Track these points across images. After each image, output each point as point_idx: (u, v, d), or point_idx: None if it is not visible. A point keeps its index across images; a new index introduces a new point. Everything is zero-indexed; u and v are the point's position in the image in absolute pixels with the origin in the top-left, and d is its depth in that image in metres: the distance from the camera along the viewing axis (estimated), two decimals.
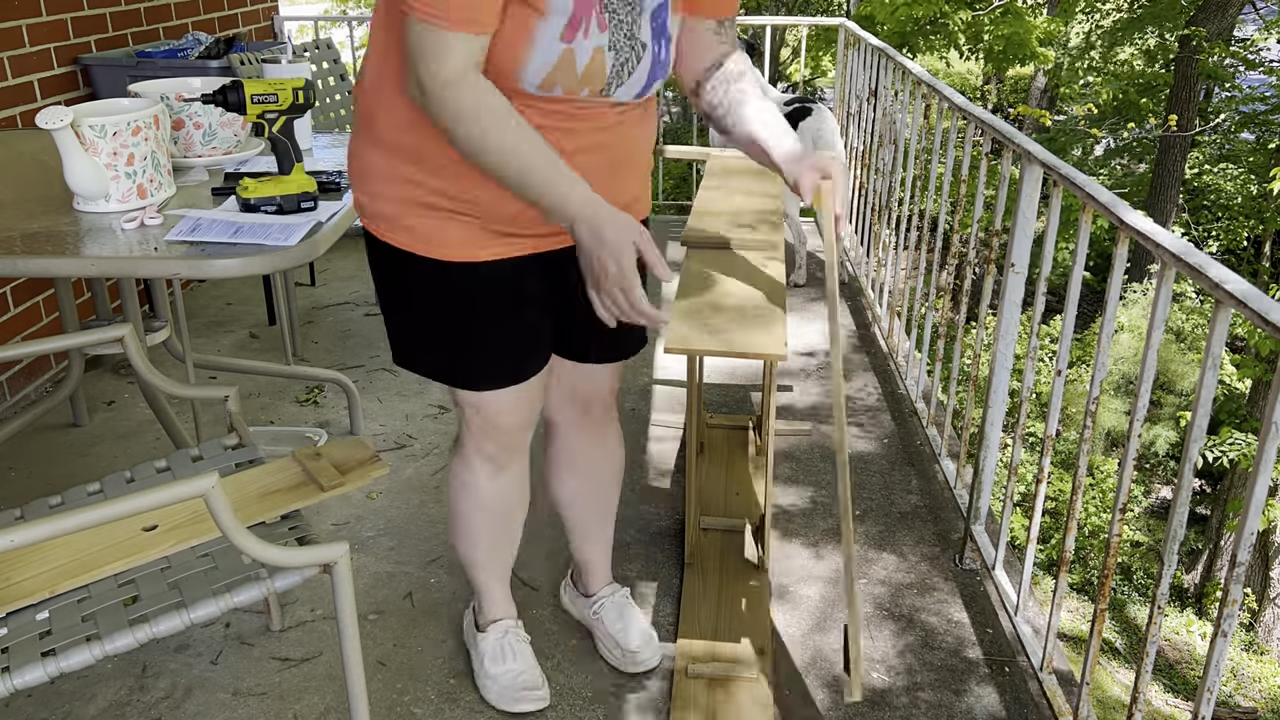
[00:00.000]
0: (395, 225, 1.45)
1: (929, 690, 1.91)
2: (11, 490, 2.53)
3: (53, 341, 1.78)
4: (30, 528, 1.10)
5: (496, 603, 1.87)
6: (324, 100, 3.47)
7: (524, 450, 1.72)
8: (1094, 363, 1.70)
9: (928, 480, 2.64)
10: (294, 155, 1.87)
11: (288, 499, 1.52)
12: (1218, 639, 1.35)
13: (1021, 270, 2.09)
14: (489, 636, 1.85)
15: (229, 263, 1.66)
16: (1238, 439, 7.55)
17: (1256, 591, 8.41)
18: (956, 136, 2.73)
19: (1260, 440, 1.27)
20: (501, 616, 1.87)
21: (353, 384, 2.84)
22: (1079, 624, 7.39)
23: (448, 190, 1.41)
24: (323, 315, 3.69)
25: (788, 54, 15.83)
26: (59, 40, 3.17)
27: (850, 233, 4.33)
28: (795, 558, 2.31)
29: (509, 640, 1.84)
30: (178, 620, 1.30)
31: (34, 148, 2.38)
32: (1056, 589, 1.84)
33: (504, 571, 1.86)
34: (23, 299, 3.00)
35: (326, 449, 1.59)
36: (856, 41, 4.34)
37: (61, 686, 1.86)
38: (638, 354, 1.74)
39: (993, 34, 9.42)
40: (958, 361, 2.59)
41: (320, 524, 2.37)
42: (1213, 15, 9.49)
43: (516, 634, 1.86)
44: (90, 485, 1.65)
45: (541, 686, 1.82)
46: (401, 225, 1.45)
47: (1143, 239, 1.57)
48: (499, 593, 1.87)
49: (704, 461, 2.61)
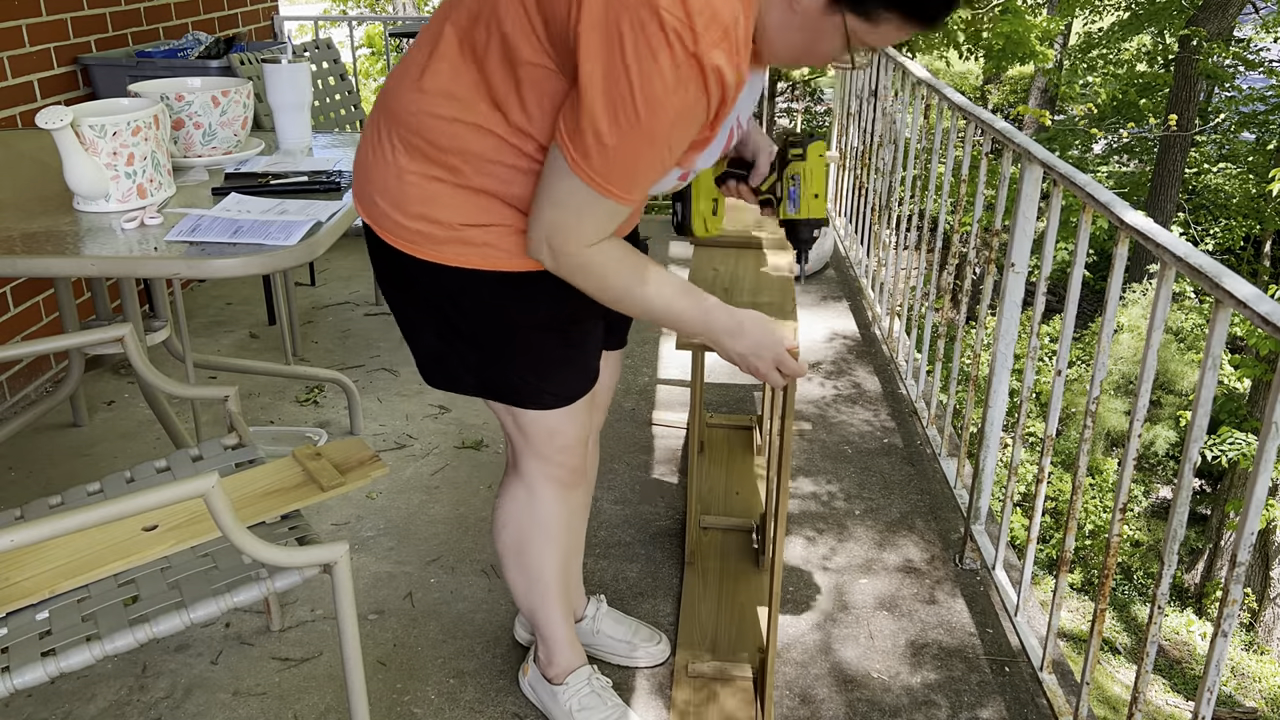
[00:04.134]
0: (449, 241, 1.31)
1: (929, 690, 1.91)
2: (11, 490, 2.53)
3: (53, 341, 1.78)
4: (30, 528, 1.10)
5: (568, 652, 1.72)
6: (323, 100, 3.47)
7: (585, 470, 1.61)
8: (1094, 363, 1.70)
9: (928, 480, 2.64)
10: None
11: (288, 499, 1.52)
12: (1218, 639, 1.35)
13: (1021, 270, 2.09)
14: (571, 688, 1.70)
15: (229, 263, 1.66)
16: (1238, 439, 7.56)
17: (1256, 591, 8.42)
18: (956, 136, 2.73)
19: (1260, 440, 1.27)
20: (580, 664, 1.73)
21: (353, 384, 2.84)
22: (1080, 624, 7.39)
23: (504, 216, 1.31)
24: (323, 315, 3.69)
25: None
26: (59, 40, 3.17)
27: (846, 227, 4.33)
28: (795, 557, 2.31)
29: (595, 685, 1.71)
30: (178, 620, 1.30)
31: (34, 148, 2.38)
32: (1056, 589, 1.84)
33: (569, 612, 1.72)
34: (23, 299, 3.00)
35: (326, 449, 1.59)
36: None
37: (61, 686, 1.86)
38: (634, 351, 1.73)
39: (992, 32, 9.42)
40: (958, 361, 2.59)
41: (320, 524, 2.37)
42: (1213, 15, 9.49)
43: (597, 679, 1.73)
44: (90, 485, 1.65)
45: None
46: (461, 241, 1.31)
47: (1143, 239, 1.57)
48: (568, 637, 1.72)
49: (704, 461, 2.61)
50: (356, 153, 1.41)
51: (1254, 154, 10.98)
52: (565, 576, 1.68)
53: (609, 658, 1.91)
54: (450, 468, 2.63)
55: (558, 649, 1.71)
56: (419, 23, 4.96)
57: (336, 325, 3.59)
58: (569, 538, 1.64)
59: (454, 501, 2.47)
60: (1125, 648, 7.64)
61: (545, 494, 1.55)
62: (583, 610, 1.92)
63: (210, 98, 2.14)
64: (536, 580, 1.63)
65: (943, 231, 2.81)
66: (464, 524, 2.38)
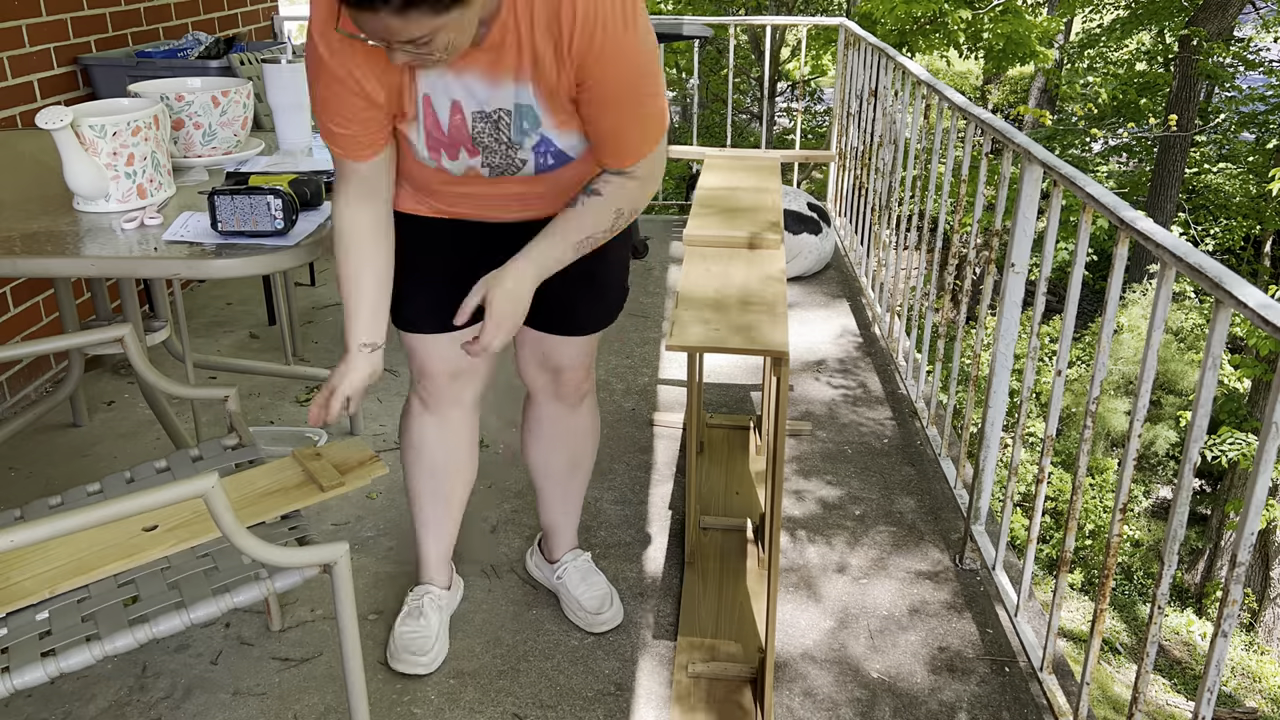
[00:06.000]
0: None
1: (929, 690, 1.91)
2: (11, 490, 2.53)
3: (53, 341, 1.78)
4: (30, 528, 1.09)
5: (426, 564, 1.97)
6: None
7: (456, 403, 1.83)
8: (1094, 363, 1.70)
9: (928, 480, 2.64)
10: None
11: (288, 499, 1.52)
12: (1218, 639, 1.35)
13: (1021, 270, 2.09)
14: (410, 596, 1.98)
15: (229, 263, 1.66)
16: (1238, 439, 7.56)
17: (1256, 591, 8.42)
18: (956, 136, 2.73)
19: (1260, 440, 1.27)
20: (426, 581, 1.98)
21: None
22: (1080, 624, 7.39)
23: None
24: (323, 315, 3.69)
25: (787, 53, 15.83)
26: (59, 40, 3.17)
27: (848, 227, 4.33)
28: (795, 557, 2.31)
29: (422, 604, 1.95)
30: (178, 620, 1.30)
31: (34, 148, 2.38)
32: (1056, 589, 1.84)
33: (438, 533, 1.95)
34: (23, 299, 3.00)
35: (327, 449, 1.59)
36: (856, 41, 4.34)
37: (61, 686, 1.86)
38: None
39: (992, 33, 9.42)
40: (958, 361, 2.59)
41: (320, 524, 2.37)
42: (1213, 15, 9.49)
43: (433, 600, 1.96)
44: (90, 485, 1.65)
45: (429, 652, 1.90)
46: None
47: (1143, 239, 1.57)
48: (429, 554, 1.96)
49: (704, 461, 2.61)
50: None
51: (1254, 154, 10.97)
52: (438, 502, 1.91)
53: (568, 614, 2.05)
54: None
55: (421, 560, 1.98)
56: None
57: (336, 325, 3.59)
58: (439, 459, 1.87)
59: None
60: (1126, 647, 7.64)
61: (411, 405, 1.86)
62: (557, 555, 2.09)
63: (210, 98, 2.14)
64: (410, 493, 1.92)
65: (943, 231, 2.81)
66: (464, 524, 2.37)
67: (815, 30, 11.13)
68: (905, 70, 3.24)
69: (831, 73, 12.54)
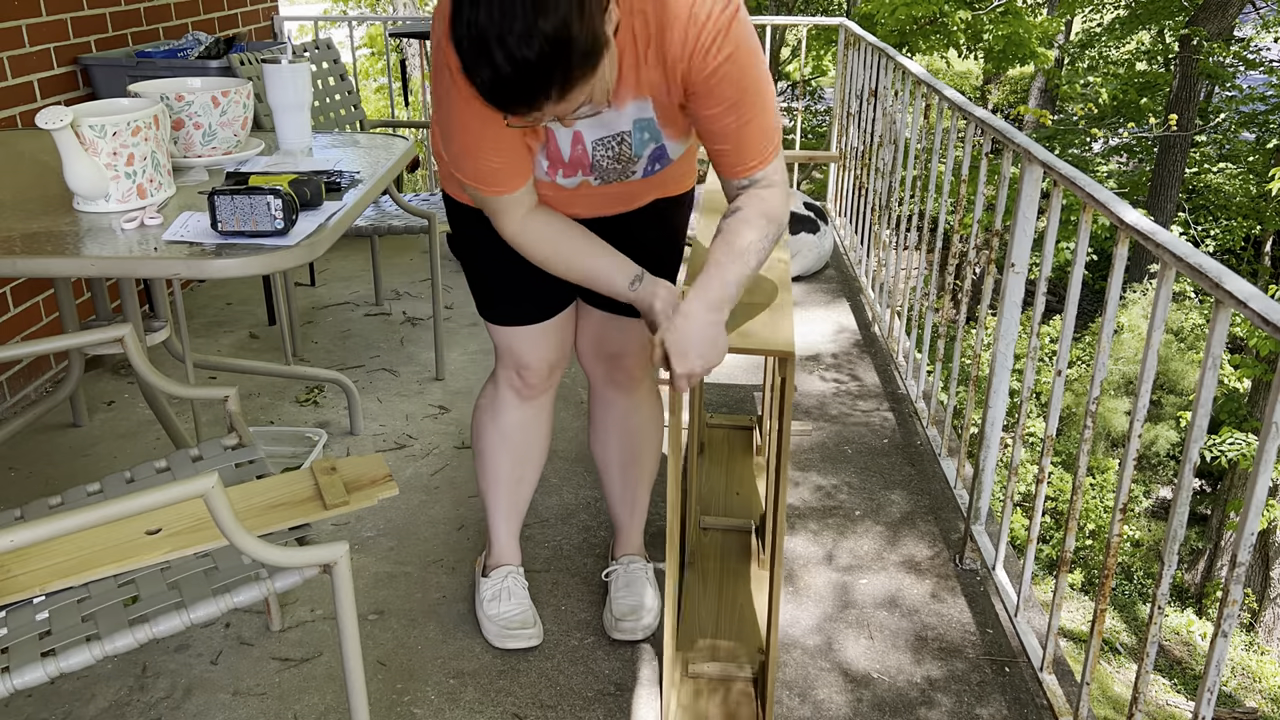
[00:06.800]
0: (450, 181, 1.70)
1: (929, 691, 1.91)
2: (11, 490, 2.53)
3: (53, 341, 1.77)
4: (30, 528, 1.09)
5: (503, 548, 2.01)
6: (323, 100, 3.47)
7: (548, 391, 1.89)
8: (1094, 363, 1.70)
9: (928, 480, 2.64)
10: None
11: (290, 514, 1.51)
12: (1218, 639, 1.35)
13: (1021, 270, 2.09)
14: (490, 581, 2.00)
15: (229, 263, 1.66)
16: (1238, 439, 7.56)
17: (1256, 591, 8.42)
18: (956, 136, 2.73)
19: (1260, 440, 1.27)
20: (506, 563, 2.01)
21: (353, 384, 2.85)
22: (1080, 624, 7.39)
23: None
24: (323, 315, 3.69)
25: (787, 53, 15.83)
26: (59, 40, 3.17)
27: (846, 225, 4.33)
28: (796, 557, 2.31)
29: (508, 584, 1.99)
30: (178, 620, 1.30)
31: (34, 148, 2.38)
32: (1056, 589, 1.84)
33: (513, 516, 1.99)
34: (23, 299, 3.00)
35: (343, 464, 1.57)
36: (856, 41, 4.34)
37: (61, 686, 1.86)
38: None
39: (992, 33, 9.43)
40: (958, 361, 2.59)
41: (320, 524, 2.37)
42: (1213, 15, 9.49)
43: (516, 578, 2.00)
44: (90, 485, 1.65)
45: (533, 625, 1.95)
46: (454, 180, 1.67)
47: (1143, 239, 1.57)
48: (505, 536, 2.00)
49: (704, 461, 2.61)
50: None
51: (1254, 154, 10.98)
52: (518, 483, 1.95)
53: (604, 615, 2.04)
54: (450, 468, 2.63)
55: (494, 544, 2.01)
56: (419, 22, 4.96)
57: (336, 325, 3.59)
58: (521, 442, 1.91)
59: (454, 502, 2.47)
60: (1126, 647, 7.64)
61: (502, 394, 1.88)
62: (616, 554, 2.09)
63: (210, 98, 2.14)
64: (486, 474, 1.95)
65: (943, 231, 2.81)
66: (464, 524, 2.38)
67: (815, 30, 11.13)
68: (905, 70, 3.24)
69: (832, 73, 12.54)
